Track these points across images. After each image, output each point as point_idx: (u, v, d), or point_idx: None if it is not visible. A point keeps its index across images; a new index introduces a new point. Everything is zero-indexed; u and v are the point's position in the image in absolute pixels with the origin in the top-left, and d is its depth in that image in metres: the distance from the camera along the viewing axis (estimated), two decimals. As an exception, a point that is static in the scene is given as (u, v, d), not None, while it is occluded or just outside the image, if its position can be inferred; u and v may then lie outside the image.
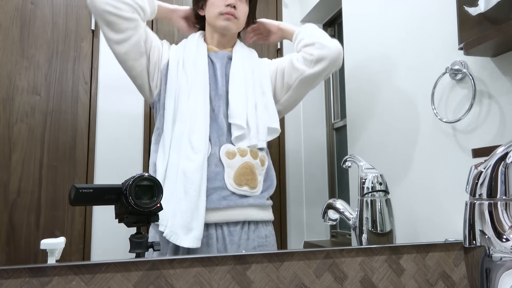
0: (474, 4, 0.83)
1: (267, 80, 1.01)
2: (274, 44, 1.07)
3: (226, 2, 0.98)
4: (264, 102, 0.99)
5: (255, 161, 0.94)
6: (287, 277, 0.75)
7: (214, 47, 1.01)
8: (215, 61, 0.98)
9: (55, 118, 0.86)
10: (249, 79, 0.98)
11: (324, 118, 1.13)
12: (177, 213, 0.85)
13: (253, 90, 0.98)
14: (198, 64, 0.96)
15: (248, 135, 0.94)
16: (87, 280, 0.65)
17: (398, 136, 1.06)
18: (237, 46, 1.03)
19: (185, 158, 0.89)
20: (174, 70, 0.95)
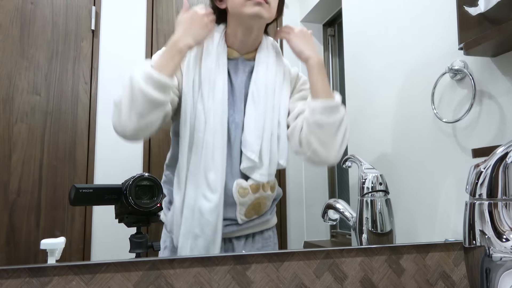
0: (474, 4, 0.83)
1: (286, 105, 0.91)
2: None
3: None
4: (278, 133, 0.90)
5: (266, 192, 0.90)
6: (287, 277, 0.75)
7: (235, 52, 0.90)
8: (234, 77, 0.89)
9: (55, 118, 0.86)
10: (269, 102, 0.89)
11: (324, 118, 1.13)
12: (195, 248, 0.83)
13: (271, 117, 0.89)
14: (216, 87, 0.86)
15: (259, 169, 0.87)
16: (87, 280, 0.65)
17: (398, 136, 1.06)
18: (262, 50, 0.91)
19: (201, 196, 0.83)
20: (189, 92, 0.85)
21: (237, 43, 0.90)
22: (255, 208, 0.90)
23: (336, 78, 1.16)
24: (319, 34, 1.15)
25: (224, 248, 0.87)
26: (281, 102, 0.91)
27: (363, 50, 1.15)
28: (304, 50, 0.89)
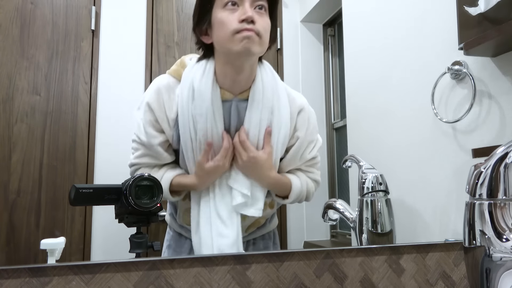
0: (474, 4, 0.83)
1: (283, 142, 0.85)
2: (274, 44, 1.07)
3: (241, 16, 0.75)
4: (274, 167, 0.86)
5: (266, 211, 0.88)
6: (287, 277, 0.75)
7: (227, 93, 0.81)
8: (228, 121, 0.82)
9: (55, 118, 0.86)
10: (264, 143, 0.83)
11: (324, 118, 1.13)
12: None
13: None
14: (214, 137, 0.81)
15: (252, 205, 0.83)
16: (87, 280, 0.65)
17: (398, 136, 1.06)
18: (256, 88, 0.82)
19: (217, 234, 0.80)
20: (188, 141, 0.81)
21: (228, 82, 0.81)
22: (254, 225, 0.91)
23: (336, 78, 1.16)
24: (319, 34, 1.15)
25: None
26: (278, 140, 0.84)
27: (363, 50, 1.15)
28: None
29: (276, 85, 0.85)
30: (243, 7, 0.76)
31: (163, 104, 0.82)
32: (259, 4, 0.78)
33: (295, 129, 0.87)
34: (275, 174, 0.85)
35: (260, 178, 0.83)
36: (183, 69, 0.84)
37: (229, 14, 0.76)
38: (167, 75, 0.85)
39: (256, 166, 0.82)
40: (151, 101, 0.82)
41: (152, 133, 0.82)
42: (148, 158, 0.83)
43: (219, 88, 0.81)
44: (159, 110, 0.82)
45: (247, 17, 0.75)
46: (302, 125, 0.87)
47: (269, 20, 0.80)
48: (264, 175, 0.83)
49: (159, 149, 0.82)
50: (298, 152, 0.87)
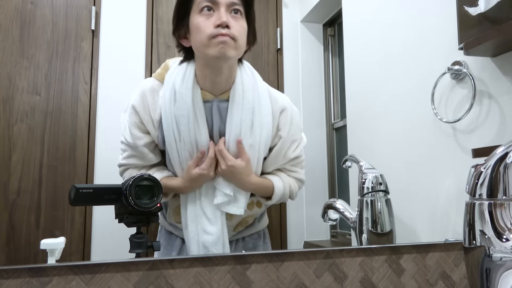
0: (474, 4, 0.83)
1: (266, 141, 0.86)
2: (274, 43, 1.07)
3: (216, 21, 0.78)
4: (256, 169, 0.87)
5: (253, 211, 0.91)
6: (287, 277, 0.75)
7: (208, 94, 0.84)
8: (211, 121, 0.84)
9: (55, 118, 0.86)
10: (246, 142, 0.84)
11: (324, 118, 1.13)
12: None
13: (248, 153, 0.85)
14: (197, 137, 0.83)
15: (234, 203, 0.86)
16: (87, 280, 0.65)
17: (398, 136, 1.06)
18: (236, 88, 0.84)
19: (202, 231, 0.83)
20: (172, 142, 0.83)
21: (208, 84, 0.83)
22: (242, 224, 0.92)
23: (336, 78, 1.16)
24: (319, 34, 1.15)
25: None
26: (261, 139, 0.86)
27: (363, 50, 1.15)
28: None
29: (257, 85, 0.87)
30: (218, 12, 0.78)
31: (148, 106, 0.84)
32: (235, 8, 0.80)
33: (278, 129, 0.89)
34: (256, 179, 0.87)
35: (240, 184, 0.86)
36: (166, 72, 0.86)
37: (205, 19, 0.79)
38: (152, 78, 0.88)
39: (235, 173, 0.84)
40: (136, 104, 0.85)
41: (137, 135, 0.84)
42: (135, 159, 0.86)
43: (200, 89, 0.83)
44: (143, 112, 0.84)
45: (222, 23, 0.77)
46: (285, 125, 0.89)
47: (245, 24, 0.82)
48: (244, 181, 0.85)
49: (145, 150, 0.85)
50: (281, 151, 0.89)
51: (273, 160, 0.90)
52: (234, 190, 0.86)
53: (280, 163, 0.91)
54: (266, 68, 1.05)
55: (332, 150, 1.12)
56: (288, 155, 0.90)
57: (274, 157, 0.89)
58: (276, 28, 1.07)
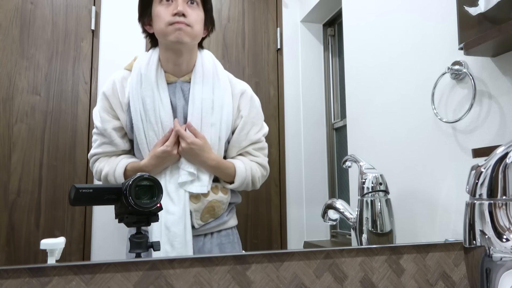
0: (474, 4, 0.83)
1: (227, 121, 0.93)
2: (274, 43, 1.07)
3: (174, 10, 0.87)
4: (218, 147, 0.92)
5: (218, 195, 0.92)
6: (287, 277, 0.75)
7: (171, 76, 0.91)
8: (175, 101, 0.90)
9: (55, 118, 0.86)
10: (207, 120, 0.90)
11: (324, 118, 1.13)
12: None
13: (210, 133, 0.90)
14: (162, 115, 0.88)
15: (197, 182, 0.89)
16: (87, 280, 0.65)
17: (398, 136, 1.06)
18: (197, 70, 0.92)
19: (164, 211, 0.86)
20: (139, 121, 0.88)
21: (171, 67, 0.91)
22: (209, 211, 0.92)
23: (336, 78, 1.16)
24: (319, 34, 1.15)
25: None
26: (222, 119, 0.92)
27: (363, 50, 1.15)
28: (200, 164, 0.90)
29: (216, 69, 0.95)
30: (176, 2, 0.88)
31: (117, 91, 0.90)
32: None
33: (239, 109, 0.95)
34: (216, 157, 0.91)
35: (201, 162, 0.90)
36: (134, 61, 0.93)
37: (165, 8, 0.88)
38: (121, 70, 0.93)
39: (195, 150, 0.89)
40: (105, 90, 0.90)
41: (106, 118, 0.89)
42: (105, 147, 0.89)
43: (164, 72, 0.91)
44: (113, 97, 0.90)
45: (178, 11, 0.87)
46: (245, 105, 0.96)
47: (201, 12, 0.91)
48: (204, 158, 0.90)
49: (114, 134, 0.89)
50: (243, 131, 0.95)
51: (235, 142, 0.94)
52: (197, 170, 0.89)
53: (242, 144, 0.95)
54: (266, 68, 1.05)
55: (332, 150, 1.12)
56: (250, 137, 0.95)
57: (236, 138, 0.94)
58: (276, 28, 1.07)
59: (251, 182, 0.95)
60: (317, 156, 1.10)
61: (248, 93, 0.97)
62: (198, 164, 0.90)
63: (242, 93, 0.96)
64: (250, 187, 0.95)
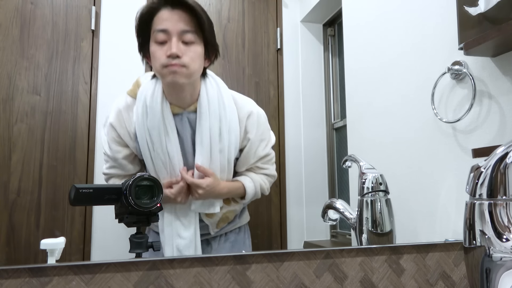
0: (474, 4, 0.83)
1: (235, 144, 0.93)
2: (274, 43, 1.07)
3: (167, 52, 0.84)
4: (228, 169, 0.93)
5: (231, 206, 0.95)
6: (287, 277, 0.75)
7: (177, 107, 0.90)
8: (182, 132, 0.90)
9: (55, 118, 0.86)
10: (216, 148, 0.90)
11: (324, 118, 1.13)
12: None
13: (219, 159, 0.91)
14: (169, 148, 0.88)
15: (209, 205, 0.92)
16: (87, 280, 0.65)
17: (398, 136, 1.06)
18: (202, 100, 0.90)
19: (176, 235, 0.89)
20: (146, 151, 0.88)
21: (174, 99, 0.90)
22: (224, 220, 0.95)
23: (336, 78, 1.16)
24: (319, 34, 1.15)
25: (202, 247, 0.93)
26: (230, 143, 0.92)
27: (363, 50, 1.15)
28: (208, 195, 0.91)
29: (222, 95, 0.93)
30: (170, 42, 0.84)
31: (124, 121, 0.90)
32: (186, 36, 0.85)
33: (246, 132, 0.95)
34: (225, 184, 0.93)
35: (214, 195, 0.92)
36: (138, 88, 0.91)
37: (159, 48, 0.85)
38: (125, 95, 0.92)
39: (210, 191, 0.90)
40: (112, 121, 0.90)
41: (116, 149, 0.89)
42: (116, 170, 0.90)
43: (169, 103, 0.89)
44: (120, 127, 0.89)
45: (171, 54, 0.84)
46: (252, 128, 0.95)
47: (199, 47, 0.87)
48: (217, 192, 0.92)
49: (124, 162, 0.90)
50: (251, 151, 0.95)
51: (244, 160, 0.95)
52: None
53: (251, 161, 0.96)
54: (266, 68, 1.05)
55: (332, 150, 1.12)
56: (258, 154, 0.96)
57: (245, 157, 0.95)
58: (276, 28, 1.07)
59: (260, 194, 0.97)
60: (317, 156, 1.10)
61: (254, 114, 0.96)
62: (212, 198, 0.91)
63: (249, 115, 0.95)
64: (260, 197, 0.97)
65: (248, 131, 0.95)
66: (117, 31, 0.93)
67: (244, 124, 0.94)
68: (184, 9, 0.85)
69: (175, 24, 0.84)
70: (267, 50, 1.06)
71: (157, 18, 0.86)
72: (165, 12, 0.85)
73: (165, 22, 0.85)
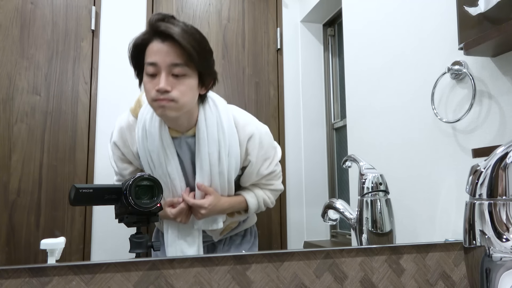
0: (474, 4, 0.83)
1: (235, 165, 0.92)
2: (274, 43, 1.07)
3: (156, 86, 0.82)
4: (229, 189, 0.92)
5: (234, 217, 0.96)
6: (287, 277, 0.75)
7: (175, 132, 0.89)
8: (182, 155, 0.90)
9: (55, 118, 0.86)
10: (215, 170, 0.89)
11: (324, 118, 1.13)
12: None
13: (219, 181, 0.90)
14: (169, 170, 0.88)
15: (211, 223, 0.92)
16: (87, 280, 0.65)
17: (398, 136, 1.06)
18: (201, 125, 0.89)
19: (180, 252, 0.90)
20: (147, 168, 0.89)
21: (172, 124, 0.89)
22: (227, 229, 0.96)
23: (336, 78, 1.16)
24: (319, 34, 1.15)
25: (207, 249, 0.95)
26: (230, 165, 0.91)
27: (363, 50, 1.15)
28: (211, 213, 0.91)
29: (221, 119, 0.91)
30: (159, 76, 0.83)
31: (127, 141, 0.90)
32: (176, 69, 0.83)
33: (247, 154, 0.93)
34: (226, 199, 0.92)
35: (217, 212, 0.92)
36: (140, 108, 0.91)
37: (150, 81, 0.84)
38: (127, 114, 0.92)
39: (212, 208, 0.90)
40: (116, 140, 0.90)
41: (122, 166, 0.90)
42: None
43: (168, 128, 0.89)
44: (124, 147, 0.90)
45: (160, 89, 0.82)
46: (253, 150, 0.93)
47: (192, 80, 0.85)
48: (219, 208, 0.91)
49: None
50: (253, 171, 0.94)
51: (247, 178, 0.95)
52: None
53: (254, 179, 0.95)
54: (266, 68, 1.05)
55: (332, 150, 1.12)
56: (261, 173, 0.95)
57: (247, 175, 0.95)
58: (276, 28, 1.07)
59: (264, 207, 0.97)
60: (317, 156, 1.10)
61: (255, 136, 0.94)
62: (214, 214, 0.91)
63: (250, 138, 0.93)
64: (264, 209, 0.98)
65: (249, 153, 0.93)
66: (117, 31, 0.93)
67: (245, 147, 0.93)
68: (174, 42, 0.82)
69: (165, 57, 0.82)
70: (267, 50, 1.06)
71: (148, 50, 0.84)
72: (155, 44, 0.83)
73: (155, 55, 0.83)
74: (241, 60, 1.04)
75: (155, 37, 0.83)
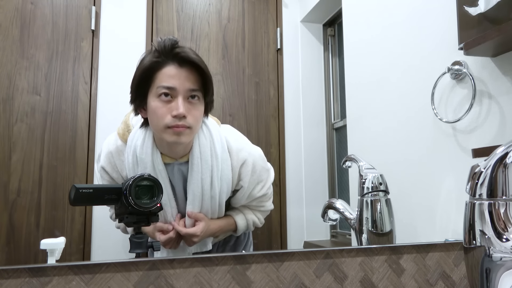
0: (474, 4, 0.83)
1: (226, 190, 0.91)
2: (274, 43, 1.07)
3: (173, 112, 0.79)
4: (219, 212, 0.92)
5: (221, 236, 0.96)
6: (287, 277, 0.75)
7: (168, 158, 0.87)
8: (173, 181, 0.88)
9: (55, 118, 0.86)
10: (207, 196, 0.88)
11: (324, 118, 1.13)
12: None
13: (210, 204, 0.89)
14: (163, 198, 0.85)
15: (203, 245, 0.92)
16: (87, 280, 0.65)
17: (398, 136, 1.06)
18: (194, 151, 0.87)
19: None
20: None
21: (166, 150, 0.86)
22: (220, 238, 0.97)
23: (336, 78, 1.16)
24: (319, 34, 1.15)
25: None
26: (222, 190, 0.90)
27: (363, 50, 1.15)
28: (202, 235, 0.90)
29: (214, 145, 0.89)
30: (176, 100, 0.80)
31: (115, 166, 0.88)
32: (192, 95, 0.82)
33: (239, 179, 0.92)
34: (217, 224, 0.92)
35: (208, 236, 0.91)
36: (128, 132, 0.88)
37: (163, 105, 0.80)
38: (115, 137, 0.89)
39: (204, 235, 0.89)
40: (104, 165, 0.87)
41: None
42: None
43: (160, 153, 0.86)
44: (112, 171, 0.88)
45: (179, 114, 0.79)
46: (246, 176, 0.92)
47: (202, 107, 0.84)
48: (210, 232, 0.91)
49: None
50: (245, 194, 0.94)
51: (238, 200, 0.94)
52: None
53: (245, 201, 0.95)
54: (266, 68, 1.06)
55: (332, 150, 1.12)
56: (253, 195, 0.94)
57: (238, 198, 0.94)
58: (276, 28, 1.07)
59: (253, 228, 0.97)
60: (317, 156, 1.10)
61: (248, 163, 0.92)
62: (205, 238, 0.91)
63: (242, 164, 0.92)
64: (252, 229, 0.98)
65: (241, 178, 0.92)
66: (117, 31, 0.93)
67: (238, 172, 0.92)
68: (191, 68, 0.81)
69: (183, 82, 0.80)
70: (267, 50, 1.06)
71: (162, 74, 0.80)
72: (171, 69, 0.80)
73: (172, 80, 0.80)
74: (241, 60, 1.04)
75: (171, 61, 0.81)
